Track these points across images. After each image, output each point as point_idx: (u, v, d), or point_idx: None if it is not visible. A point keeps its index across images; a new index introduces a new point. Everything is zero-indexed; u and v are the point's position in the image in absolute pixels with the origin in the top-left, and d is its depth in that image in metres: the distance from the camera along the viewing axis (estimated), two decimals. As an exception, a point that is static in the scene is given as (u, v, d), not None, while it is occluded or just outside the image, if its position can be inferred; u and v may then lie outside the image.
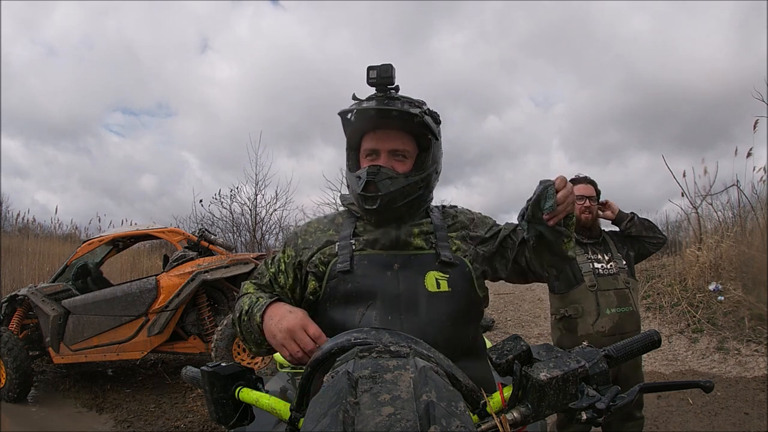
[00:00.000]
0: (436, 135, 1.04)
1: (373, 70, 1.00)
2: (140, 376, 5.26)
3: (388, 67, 0.99)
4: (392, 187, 0.98)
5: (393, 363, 0.53)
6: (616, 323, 2.23)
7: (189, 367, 0.92)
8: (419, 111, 0.98)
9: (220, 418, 0.80)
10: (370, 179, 0.98)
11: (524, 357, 0.57)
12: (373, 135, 1.03)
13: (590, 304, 2.25)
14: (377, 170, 0.99)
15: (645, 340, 0.70)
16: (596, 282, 2.27)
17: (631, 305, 2.27)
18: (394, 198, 0.99)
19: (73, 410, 4.32)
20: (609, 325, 2.22)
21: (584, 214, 2.39)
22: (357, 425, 0.41)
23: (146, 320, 4.54)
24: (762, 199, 6.27)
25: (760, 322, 4.92)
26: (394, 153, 1.02)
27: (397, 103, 0.99)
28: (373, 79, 1.00)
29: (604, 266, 2.32)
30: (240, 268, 4.77)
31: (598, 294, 2.25)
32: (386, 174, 0.99)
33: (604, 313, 2.23)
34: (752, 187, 6.52)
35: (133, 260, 9.77)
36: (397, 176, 1.00)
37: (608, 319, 2.23)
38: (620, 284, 2.29)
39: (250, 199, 12.23)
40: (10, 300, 4.83)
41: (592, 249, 2.38)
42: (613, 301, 2.25)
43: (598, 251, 2.38)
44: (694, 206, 7.07)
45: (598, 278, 2.28)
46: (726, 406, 3.71)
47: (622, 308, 2.25)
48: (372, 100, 1.01)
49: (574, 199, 0.87)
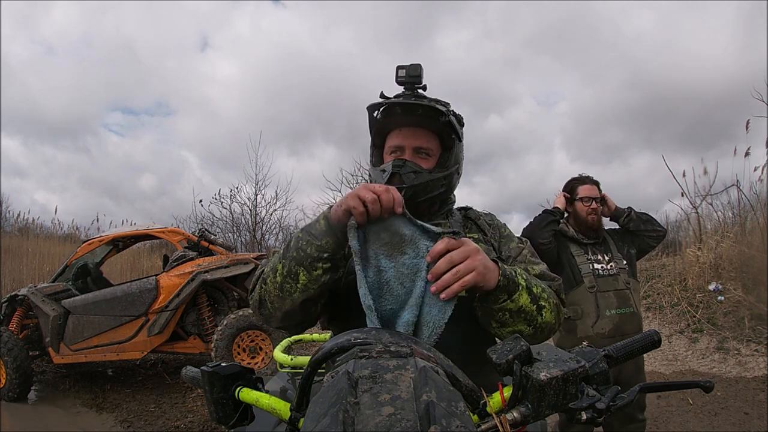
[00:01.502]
0: (460, 136, 1.07)
1: (402, 69, 1.02)
2: (140, 376, 5.26)
3: (417, 67, 1.02)
4: (416, 180, 1.00)
5: (393, 363, 0.53)
6: (616, 325, 2.20)
7: (189, 367, 0.92)
8: (445, 109, 1.01)
9: (220, 418, 0.80)
10: (396, 171, 1.00)
11: (524, 357, 0.57)
12: (399, 132, 1.05)
13: (590, 305, 2.22)
14: (403, 163, 1.01)
15: (645, 340, 0.70)
16: (596, 283, 2.24)
17: (631, 306, 2.24)
18: (417, 192, 1.01)
19: (73, 410, 4.33)
20: (609, 326, 2.19)
21: (591, 216, 2.36)
22: (357, 425, 0.41)
23: (146, 320, 4.54)
24: (762, 199, 6.28)
25: (760, 322, 4.92)
26: (418, 150, 1.04)
27: (425, 101, 1.01)
28: (402, 77, 1.02)
29: (604, 267, 2.29)
30: (240, 268, 4.78)
31: (597, 295, 2.22)
32: (411, 167, 1.01)
33: (603, 314, 2.20)
34: (752, 187, 6.53)
35: (133, 260, 9.78)
36: (422, 171, 1.02)
37: (608, 320, 2.20)
38: (620, 285, 2.26)
39: (250, 199, 12.24)
40: (10, 300, 4.83)
41: (592, 249, 2.35)
42: (613, 302, 2.22)
43: (598, 251, 2.35)
44: (694, 206, 7.08)
45: (598, 279, 2.25)
46: (726, 406, 3.71)
47: (622, 309, 2.22)
48: (400, 97, 1.03)
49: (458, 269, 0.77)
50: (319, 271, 0.86)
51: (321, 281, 0.88)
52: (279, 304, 0.92)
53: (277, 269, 0.90)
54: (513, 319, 0.86)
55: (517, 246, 1.07)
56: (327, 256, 0.86)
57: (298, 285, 0.88)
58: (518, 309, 0.85)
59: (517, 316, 0.86)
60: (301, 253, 0.86)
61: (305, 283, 0.87)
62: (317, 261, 0.86)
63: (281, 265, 0.90)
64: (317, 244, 0.85)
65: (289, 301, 0.90)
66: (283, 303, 0.91)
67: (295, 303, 0.90)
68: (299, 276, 0.87)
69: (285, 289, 0.89)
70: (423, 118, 1.02)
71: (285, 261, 0.89)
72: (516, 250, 1.06)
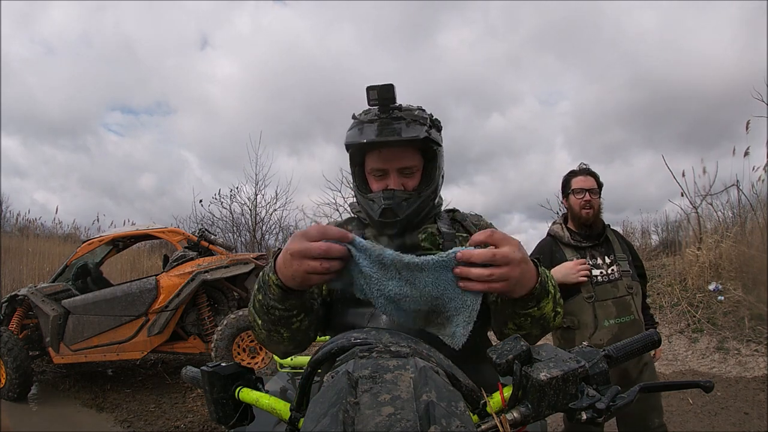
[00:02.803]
0: (440, 143, 1.05)
1: (373, 90, 0.97)
2: (140, 376, 5.26)
3: (390, 87, 0.96)
4: (409, 209, 0.98)
5: (393, 363, 0.54)
6: (615, 335, 2.05)
7: (189, 367, 0.92)
8: (425, 129, 0.97)
9: (220, 418, 0.80)
10: (387, 206, 0.97)
11: (524, 357, 0.57)
12: (379, 154, 1.01)
13: (587, 316, 2.07)
14: (392, 195, 0.98)
15: (645, 340, 0.70)
16: (593, 292, 2.07)
17: (632, 313, 2.09)
18: (411, 218, 1.00)
19: (73, 410, 4.33)
20: (607, 337, 2.06)
21: (585, 210, 2.16)
22: (357, 425, 0.41)
23: (146, 320, 4.54)
24: (762, 199, 6.28)
25: (760, 322, 4.93)
26: (402, 171, 1.01)
27: (402, 124, 0.97)
28: (375, 100, 0.98)
29: (603, 272, 2.12)
30: (240, 268, 4.78)
31: (595, 305, 2.07)
32: (401, 197, 0.98)
33: (602, 325, 2.06)
34: (752, 187, 6.53)
35: (133, 260, 9.78)
36: (410, 195, 0.99)
37: (607, 330, 2.06)
38: (621, 291, 2.09)
39: (250, 199, 12.23)
40: (10, 300, 4.83)
41: (591, 253, 2.16)
42: (612, 311, 2.07)
43: (598, 254, 2.16)
44: (694, 206, 7.08)
45: (596, 287, 2.08)
46: (726, 406, 3.71)
47: (621, 318, 2.07)
48: (374, 120, 0.99)
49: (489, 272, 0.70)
50: (297, 324, 0.88)
51: (302, 330, 0.90)
52: (275, 348, 0.95)
53: (258, 323, 0.89)
54: (532, 324, 0.84)
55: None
56: (297, 311, 0.85)
57: (284, 337, 0.90)
58: (540, 316, 0.83)
59: (537, 321, 0.84)
60: (272, 316, 0.85)
61: (289, 336, 0.90)
62: (290, 318, 0.86)
63: (260, 321, 0.88)
64: (281, 307, 0.83)
65: (282, 347, 0.94)
66: (278, 347, 0.94)
67: (289, 347, 0.94)
68: (281, 332, 0.88)
69: (273, 339, 0.91)
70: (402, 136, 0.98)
71: (261, 320, 0.88)
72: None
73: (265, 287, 0.83)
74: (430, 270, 0.74)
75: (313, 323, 0.92)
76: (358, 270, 0.74)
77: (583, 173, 2.23)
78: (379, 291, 0.76)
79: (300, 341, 0.93)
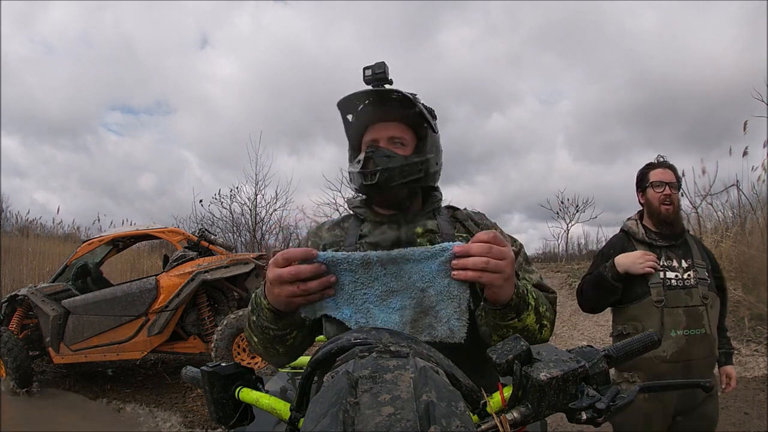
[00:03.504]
0: (432, 126, 1.07)
1: (368, 68, 1.04)
2: (140, 376, 5.26)
3: (382, 64, 1.04)
4: (390, 164, 1.00)
5: (393, 363, 0.53)
6: (681, 348, 1.81)
7: (189, 367, 0.92)
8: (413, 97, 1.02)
9: (220, 418, 0.80)
10: (368, 155, 1.00)
11: (524, 357, 0.57)
12: (372, 128, 1.06)
13: (653, 322, 1.84)
14: (375, 148, 1.02)
15: (645, 340, 0.70)
16: (664, 297, 1.83)
17: (703, 327, 1.83)
18: (392, 175, 0.99)
19: (73, 409, 4.33)
20: (673, 349, 1.81)
21: (665, 206, 1.93)
22: (357, 425, 0.41)
23: (146, 320, 4.55)
24: (762, 199, 6.28)
25: (760, 322, 4.93)
26: (393, 140, 1.04)
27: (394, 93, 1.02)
28: (369, 76, 1.04)
29: (678, 276, 1.87)
30: (240, 268, 4.78)
31: (664, 311, 1.83)
32: (384, 152, 1.01)
33: (668, 335, 1.82)
34: (752, 187, 6.53)
35: (133, 260, 9.78)
36: (395, 155, 1.01)
37: (673, 342, 1.81)
38: (694, 300, 1.85)
39: (250, 199, 12.25)
40: (10, 300, 4.84)
41: (666, 254, 1.91)
42: (682, 321, 1.82)
43: (674, 256, 1.91)
44: (694, 206, 7.09)
45: (668, 292, 1.84)
46: (726, 406, 3.71)
47: (691, 330, 1.82)
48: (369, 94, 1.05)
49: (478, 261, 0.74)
50: (291, 340, 0.91)
51: (297, 344, 0.93)
52: (273, 360, 0.98)
53: (254, 340, 0.94)
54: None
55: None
56: (290, 329, 0.88)
57: (280, 351, 0.93)
58: (523, 328, 0.84)
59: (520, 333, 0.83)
60: (267, 335, 0.89)
61: (285, 351, 0.93)
62: (284, 336, 0.89)
63: (256, 339, 0.93)
64: (274, 327, 0.87)
65: (279, 360, 0.97)
66: (276, 360, 0.97)
67: (285, 360, 0.97)
68: (277, 348, 0.92)
69: (271, 353, 0.95)
70: (394, 110, 1.03)
71: (257, 338, 0.92)
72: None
73: (258, 309, 0.87)
74: (416, 260, 0.78)
75: (306, 337, 0.95)
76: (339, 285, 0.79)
77: (662, 166, 2.01)
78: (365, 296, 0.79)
79: (295, 354, 0.97)
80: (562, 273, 9.63)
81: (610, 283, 1.88)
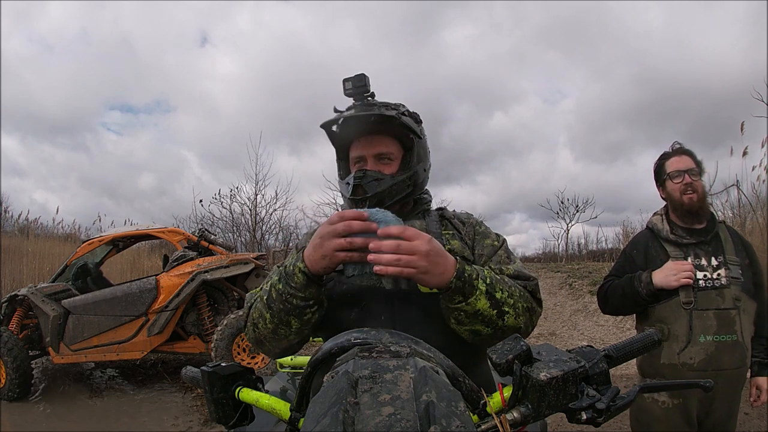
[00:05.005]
0: (418, 134, 1.08)
1: (348, 81, 1.06)
2: (140, 376, 5.26)
3: (362, 77, 1.06)
4: (379, 188, 1.03)
5: (393, 363, 0.53)
6: (710, 355, 1.67)
7: (189, 367, 0.93)
8: (396, 113, 1.03)
9: (220, 418, 0.80)
10: (357, 183, 1.03)
11: (524, 357, 0.57)
12: (358, 143, 1.08)
13: (681, 326, 1.69)
14: (363, 174, 1.04)
15: (645, 340, 0.70)
16: (693, 298, 1.69)
17: (735, 333, 1.68)
18: (382, 198, 1.03)
19: (73, 410, 4.33)
20: (700, 356, 1.68)
21: (687, 195, 1.75)
22: (357, 425, 0.41)
23: (146, 320, 4.55)
24: (762, 199, 6.28)
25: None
26: (380, 157, 1.06)
27: (374, 109, 1.04)
28: (349, 89, 1.06)
29: (708, 276, 1.72)
30: (240, 268, 4.78)
31: (693, 314, 1.68)
32: (372, 176, 1.03)
33: (696, 340, 1.67)
34: (752, 187, 6.53)
35: (133, 260, 9.78)
36: (383, 177, 1.04)
37: (701, 348, 1.67)
38: (726, 303, 1.69)
39: (250, 198, 12.25)
40: (10, 300, 4.84)
41: (695, 251, 1.76)
42: (712, 325, 1.67)
43: (704, 253, 1.75)
44: (694, 206, 7.06)
45: (698, 293, 1.69)
46: (726, 406, 3.70)
47: (721, 336, 1.67)
48: (351, 109, 1.06)
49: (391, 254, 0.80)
50: (309, 315, 0.92)
51: (312, 322, 0.93)
52: (276, 344, 0.98)
53: (266, 318, 0.94)
54: (470, 320, 0.88)
55: (492, 244, 1.07)
56: (312, 302, 0.90)
57: (292, 329, 0.93)
58: (474, 312, 0.86)
59: (474, 317, 0.87)
60: (288, 305, 0.90)
61: (298, 327, 0.93)
62: (305, 308, 0.90)
63: (269, 314, 0.93)
64: (301, 296, 0.89)
65: (286, 342, 0.97)
66: (279, 343, 0.98)
67: (292, 342, 0.97)
68: (291, 323, 0.92)
69: (279, 333, 0.95)
70: (377, 125, 1.05)
71: (273, 311, 0.93)
72: (490, 249, 1.06)
73: (287, 277, 0.90)
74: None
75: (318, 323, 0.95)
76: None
77: (678, 153, 1.84)
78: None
79: (303, 338, 0.98)
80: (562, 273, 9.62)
81: (642, 299, 1.76)
